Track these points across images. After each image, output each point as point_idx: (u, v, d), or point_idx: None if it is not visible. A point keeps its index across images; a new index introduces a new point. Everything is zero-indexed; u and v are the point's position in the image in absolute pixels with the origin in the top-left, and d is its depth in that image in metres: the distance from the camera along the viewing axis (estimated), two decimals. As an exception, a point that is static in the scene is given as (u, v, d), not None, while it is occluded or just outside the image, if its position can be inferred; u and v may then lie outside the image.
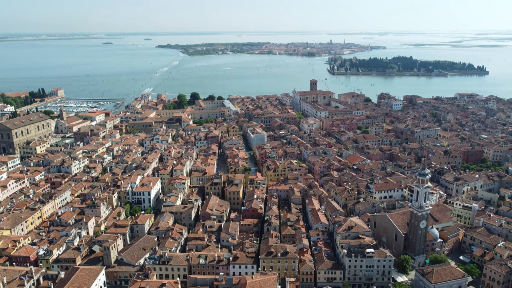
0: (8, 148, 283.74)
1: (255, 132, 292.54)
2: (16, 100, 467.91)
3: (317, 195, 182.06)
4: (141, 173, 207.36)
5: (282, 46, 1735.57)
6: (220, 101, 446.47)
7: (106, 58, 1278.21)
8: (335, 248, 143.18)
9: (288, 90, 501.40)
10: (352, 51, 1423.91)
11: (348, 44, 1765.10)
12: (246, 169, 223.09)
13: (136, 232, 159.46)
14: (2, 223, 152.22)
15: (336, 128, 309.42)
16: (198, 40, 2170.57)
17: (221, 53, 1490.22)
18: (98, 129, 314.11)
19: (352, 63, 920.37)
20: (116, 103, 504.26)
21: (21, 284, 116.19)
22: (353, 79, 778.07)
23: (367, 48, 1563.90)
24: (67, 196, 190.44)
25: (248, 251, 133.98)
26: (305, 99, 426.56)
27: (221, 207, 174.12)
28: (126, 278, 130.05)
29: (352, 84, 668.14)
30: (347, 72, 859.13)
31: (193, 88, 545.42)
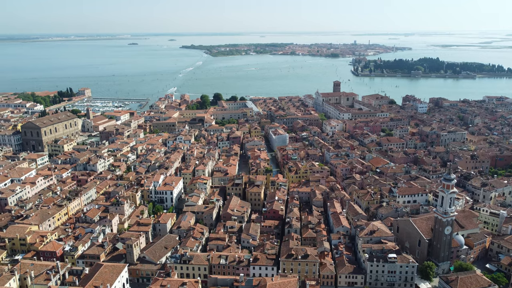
0: (37, 145, 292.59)
1: (277, 133, 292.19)
2: (45, 99, 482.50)
3: (339, 198, 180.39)
4: (164, 173, 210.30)
5: (306, 46, 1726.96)
6: (242, 102, 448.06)
7: (132, 59, 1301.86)
8: (357, 252, 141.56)
9: (311, 91, 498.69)
10: (376, 52, 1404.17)
11: (372, 45, 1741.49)
12: (268, 170, 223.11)
13: (158, 231, 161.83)
14: (30, 219, 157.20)
15: (359, 130, 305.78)
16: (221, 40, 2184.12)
17: (244, 54, 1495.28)
18: (123, 128, 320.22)
19: (376, 64, 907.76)
20: (141, 103, 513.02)
21: (48, 278, 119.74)
22: (378, 80, 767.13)
23: (392, 49, 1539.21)
24: (92, 193, 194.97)
25: (269, 252, 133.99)
26: (328, 100, 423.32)
27: (242, 208, 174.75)
28: (148, 276, 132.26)
29: (376, 86, 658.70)
30: (371, 74, 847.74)
31: (216, 88, 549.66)
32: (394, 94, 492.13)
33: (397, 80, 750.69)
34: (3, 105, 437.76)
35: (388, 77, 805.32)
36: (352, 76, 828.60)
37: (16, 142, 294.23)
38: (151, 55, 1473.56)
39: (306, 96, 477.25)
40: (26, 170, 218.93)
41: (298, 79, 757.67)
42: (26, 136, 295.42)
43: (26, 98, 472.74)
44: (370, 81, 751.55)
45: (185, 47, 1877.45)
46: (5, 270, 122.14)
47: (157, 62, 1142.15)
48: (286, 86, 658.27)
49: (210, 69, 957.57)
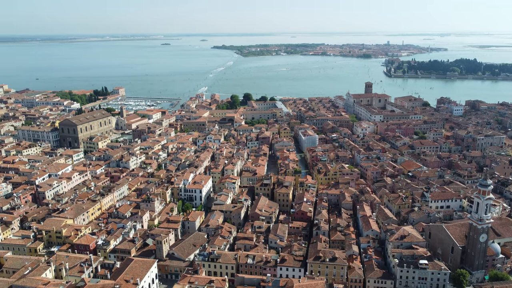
0: (74, 142, 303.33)
1: (306, 134, 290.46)
2: (81, 97, 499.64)
3: (369, 201, 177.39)
4: (193, 171, 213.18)
5: (337, 47, 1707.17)
6: (272, 102, 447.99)
7: (164, 59, 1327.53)
8: (386, 257, 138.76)
9: (342, 92, 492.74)
10: (410, 52, 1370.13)
11: (406, 45, 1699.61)
12: (297, 171, 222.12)
13: (187, 228, 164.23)
14: (66, 213, 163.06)
15: (391, 133, 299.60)
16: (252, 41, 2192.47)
17: (274, 54, 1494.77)
18: (155, 127, 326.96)
19: (410, 65, 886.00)
20: (172, 102, 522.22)
21: (81, 270, 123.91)
22: (411, 82, 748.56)
23: (427, 49, 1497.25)
24: (124, 190, 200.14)
25: (296, 254, 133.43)
26: (359, 102, 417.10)
27: (270, 208, 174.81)
28: (176, 272, 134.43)
29: (410, 87, 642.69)
30: (404, 75, 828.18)
31: (246, 88, 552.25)
32: (428, 96, 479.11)
33: (431, 82, 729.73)
34: (43, 103, 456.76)
35: (422, 79, 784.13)
36: (385, 77, 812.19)
37: (54, 138, 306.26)
38: (182, 55, 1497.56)
39: (337, 97, 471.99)
40: (62, 165, 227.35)
41: (328, 80, 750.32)
42: (63, 133, 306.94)
43: (64, 97, 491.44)
44: (403, 83, 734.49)
45: (216, 48, 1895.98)
46: (42, 261, 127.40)
47: (189, 62, 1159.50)
48: (317, 86, 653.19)
49: (240, 69, 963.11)
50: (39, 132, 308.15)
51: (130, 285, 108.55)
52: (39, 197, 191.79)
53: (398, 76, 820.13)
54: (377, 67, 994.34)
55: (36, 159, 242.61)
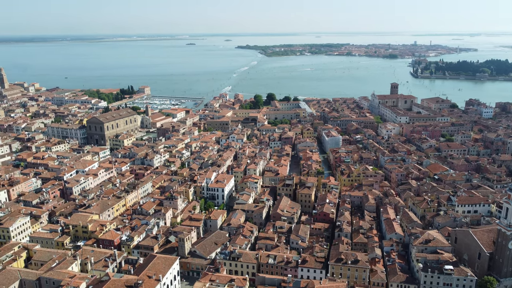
0: (100, 140, 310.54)
1: (330, 135, 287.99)
2: (108, 96, 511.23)
3: (393, 204, 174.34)
4: (216, 170, 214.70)
5: (362, 47, 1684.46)
6: (295, 103, 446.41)
7: (189, 58, 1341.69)
8: (410, 261, 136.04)
9: (367, 93, 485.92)
10: (438, 53, 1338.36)
11: (434, 45, 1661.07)
12: (319, 172, 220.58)
13: (209, 227, 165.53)
14: (92, 208, 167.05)
15: (417, 135, 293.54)
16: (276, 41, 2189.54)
17: (299, 54, 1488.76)
18: (179, 126, 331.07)
19: (438, 66, 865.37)
20: (196, 102, 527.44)
21: (106, 265, 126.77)
22: (438, 83, 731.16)
23: (456, 50, 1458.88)
24: (148, 187, 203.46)
25: (318, 255, 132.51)
26: (384, 103, 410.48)
27: (292, 209, 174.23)
28: (198, 270, 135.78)
29: (437, 89, 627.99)
30: (432, 76, 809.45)
31: (269, 88, 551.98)
32: (456, 98, 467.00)
33: (460, 83, 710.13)
34: (72, 101, 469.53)
35: (450, 80, 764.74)
36: (411, 78, 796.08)
37: (81, 135, 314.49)
38: (207, 55, 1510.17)
39: (362, 98, 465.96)
40: (89, 162, 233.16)
41: (353, 80, 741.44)
42: (91, 130, 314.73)
43: (91, 95, 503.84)
44: (430, 84, 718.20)
45: (240, 47, 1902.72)
46: (69, 255, 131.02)
47: (213, 62, 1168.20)
48: (341, 87, 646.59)
49: (264, 69, 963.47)
50: (68, 130, 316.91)
51: (153, 281, 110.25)
52: (67, 193, 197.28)
53: (425, 77, 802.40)
54: (403, 67, 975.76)
55: (64, 155, 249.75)
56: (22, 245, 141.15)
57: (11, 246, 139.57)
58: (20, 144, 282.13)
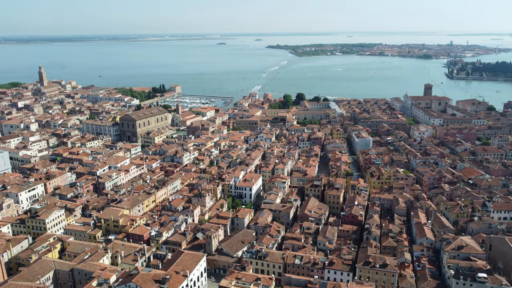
0: (132, 137, 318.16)
1: (360, 136, 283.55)
2: (141, 94, 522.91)
3: (424, 208, 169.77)
4: (244, 169, 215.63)
5: (395, 47, 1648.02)
6: (325, 103, 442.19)
7: (219, 58, 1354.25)
8: (441, 268, 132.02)
9: (399, 94, 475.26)
10: (475, 53, 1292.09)
11: (471, 46, 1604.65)
12: (348, 173, 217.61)
13: (236, 225, 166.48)
14: (123, 203, 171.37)
15: (451, 138, 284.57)
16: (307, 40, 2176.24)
17: (329, 54, 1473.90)
18: (208, 124, 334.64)
19: (475, 67, 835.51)
20: (226, 101, 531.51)
21: (135, 259, 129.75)
22: (475, 84, 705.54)
23: (495, 50, 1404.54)
24: (177, 184, 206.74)
25: (345, 258, 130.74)
26: (417, 104, 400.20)
27: (320, 210, 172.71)
28: (224, 268, 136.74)
29: (474, 90, 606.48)
30: (468, 77, 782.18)
31: (299, 88, 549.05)
32: (494, 100, 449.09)
33: (498, 85, 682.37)
34: (106, 99, 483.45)
35: (488, 81, 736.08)
36: (446, 79, 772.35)
37: (114, 132, 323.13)
38: (237, 54, 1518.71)
39: (394, 99, 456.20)
40: (121, 158, 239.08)
41: (385, 81, 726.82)
42: (123, 127, 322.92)
43: (124, 93, 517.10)
44: (466, 85, 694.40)
45: (271, 47, 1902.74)
46: (100, 248, 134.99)
47: (243, 61, 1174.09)
48: (372, 87, 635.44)
49: (294, 69, 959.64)
50: (101, 126, 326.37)
51: (180, 276, 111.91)
52: (100, 187, 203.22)
53: (461, 78, 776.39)
54: (438, 68, 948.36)
55: (98, 151, 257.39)
56: (57, 236, 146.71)
57: (47, 237, 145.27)
58: (57, 140, 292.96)
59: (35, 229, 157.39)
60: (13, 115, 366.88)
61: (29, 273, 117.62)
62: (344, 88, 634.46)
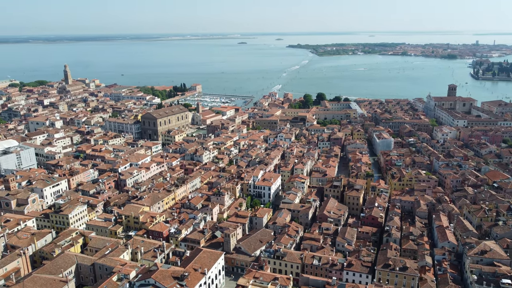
0: (153, 135, 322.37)
1: (381, 137, 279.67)
2: (162, 93, 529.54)
3: (447, 211, 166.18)
4: (263, 168, 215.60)
5: (419, 47, 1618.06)
6: (346, 103, 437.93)
7: (240, 57, 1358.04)
8: (463, 272, 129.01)
9: (422, 94, 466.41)
10: (502, 53, 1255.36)
11: (498, 45, 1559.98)
12: (369, 174, 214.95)
13: (254, 224, 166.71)
14: (144, 200, 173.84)
15: (475, 140, 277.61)
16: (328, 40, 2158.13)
17: (351, 54, 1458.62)
18: (228, 123, 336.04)
19: (501, 67, 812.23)
20: (246, 100, 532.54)
21: (154, 255, 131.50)
22: (502, 85, 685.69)
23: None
24: (197, 182, 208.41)
25: (364, 259, 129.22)
26: (441, 105, 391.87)
27: (339, 211, 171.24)
28: (242, 266, 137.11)
29: (500, 91, 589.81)
30: (494, 77, 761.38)
31: (319, 88, 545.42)
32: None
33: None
34: (128, 97, 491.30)
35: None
36: (471, 79, 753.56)
37: (136, 130, 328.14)
38: (258, 54, 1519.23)
39: (416, 100, 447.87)
40: (142, 156, 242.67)
41: (408, 81, 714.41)
42: (145, 125, 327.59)
43: (146, 92, 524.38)
44: (492, 86, 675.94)
45: (291, 47, 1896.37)
46: (121, 244, 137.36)
47: (263, 61, 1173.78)
48: (395, 88, 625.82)
49: (315, 69, 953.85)
50: (123, 124, 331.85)
51: (198, 274, 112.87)
52: (121, 184, 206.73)
53: (486, 78, 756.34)
54: (463, 68, 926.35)
55: (119, 148, 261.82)
56: (79, 231, 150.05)
57: (69, 232, 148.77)
58: (80, 137, 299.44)
59: (58, 223, 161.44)
60: (39, 112, 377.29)
61: (52, 267, 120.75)
62: (365, 88, 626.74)
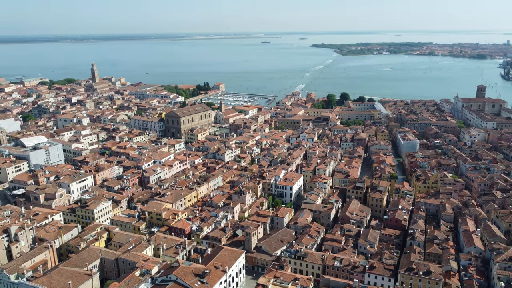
0: (177, 133, 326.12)
1: (406, 138, 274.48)
2: (186, 91, 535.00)
3: (473, 216, 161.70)
4: (285, 168, 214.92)
5: (446, 46, 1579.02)
6: (370, 103, 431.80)
7: (263, 56, 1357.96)
8: (490, 279, 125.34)
9: (449, 95, 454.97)
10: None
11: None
12: (393, 176, 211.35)
13: (275, 224, 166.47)
14: (166, 197, 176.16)
15: (505, 142, 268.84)
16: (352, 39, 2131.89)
17: (376, 53, 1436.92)
18: (250, 123, 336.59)
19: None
20: (268, 99, 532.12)
21: (176, 252, 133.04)
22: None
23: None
24: (219, 180, 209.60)
25: (387, 262, 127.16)
26: (469, 106, 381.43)
27: (361, 213, 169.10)
28: (262, 265, 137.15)
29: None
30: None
31: (343, 88, 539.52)
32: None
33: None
34: (152, 96, 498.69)
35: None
36: (501, 80, 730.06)
37: (160, 128, 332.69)
38: (281, 53, 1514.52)
39: (443, 101, 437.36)
40: (166, 153, 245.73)
41: (434, 82, 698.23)
42: (168, 123, 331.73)
43: (170, 90, 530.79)
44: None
45: (315, 46, 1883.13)
46: (144, 239, 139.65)
47: (287, 60, 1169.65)
48: (421, 88, 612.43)
49: (338, 68, 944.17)
50: (148, 122, 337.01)
51: (219, 271, 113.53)
52: (144, 181, 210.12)
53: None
54: (492, 69, 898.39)
55: (144, 146, 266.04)
56: (103, 226, 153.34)
57: (95, 226, 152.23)
58: (106, 134, 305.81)
59: (84, 218, 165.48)
60: (67, 109, 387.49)
61: (78, 260, 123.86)
62: (390, 88, 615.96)
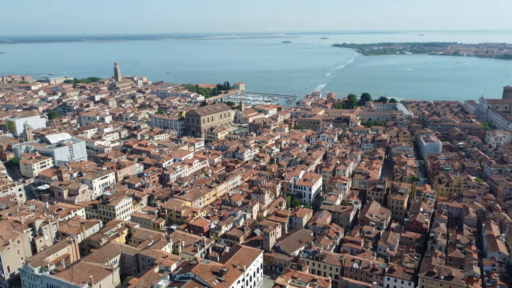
0: (197, 131, 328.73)
1: (428, 140, 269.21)
2: (206, 90, 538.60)
3: (498, 220, 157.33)
4: (304, 168, 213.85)
5: (472, 46, 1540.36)
6: (392, 104, 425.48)
7: (283, 56, 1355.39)
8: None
9: (474, 96, 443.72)
10: None
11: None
12: (414, 178, 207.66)
13: (294, 224, 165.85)
14: (186, 195, 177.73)
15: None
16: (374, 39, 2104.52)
17: (398, 53, 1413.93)
18: (270, 122, 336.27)
19: None
20: (288, 99, 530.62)
21: (195, 250, 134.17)
22: None
23: None
24: (238, 180, 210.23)
25: (407, 266, 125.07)
26: (494, 108, 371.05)
27: (381, 215, 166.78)
28: (280, 266, 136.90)
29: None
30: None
31: (364, 88, 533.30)
32: None
33: None
34: (173, 94, 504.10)
35: None
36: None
37: (180, 127, 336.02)
38: (302, 53, 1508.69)
39: (467, 102, 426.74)
40: (186, 152, 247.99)
41: (459, 83, 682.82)
42: (188, 122, 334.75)
43: (191, 89, 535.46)
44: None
45: (336, 46, 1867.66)
46: (163, 236, 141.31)
47: (307, 60, 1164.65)
48: (444, 89, 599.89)
49: (360, 68, 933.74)
50: (168, 121, 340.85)
51: (237, 270, 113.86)
52: (164, 179, 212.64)
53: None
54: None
55: (164, 144, 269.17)
56: (124, 223, 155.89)
57: (115, 223, 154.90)
58: (128, 132, 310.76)
59: (105, 214, 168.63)
60: (90, 107, 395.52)
61: (99, 255, 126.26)
62: (413, 89, 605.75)
